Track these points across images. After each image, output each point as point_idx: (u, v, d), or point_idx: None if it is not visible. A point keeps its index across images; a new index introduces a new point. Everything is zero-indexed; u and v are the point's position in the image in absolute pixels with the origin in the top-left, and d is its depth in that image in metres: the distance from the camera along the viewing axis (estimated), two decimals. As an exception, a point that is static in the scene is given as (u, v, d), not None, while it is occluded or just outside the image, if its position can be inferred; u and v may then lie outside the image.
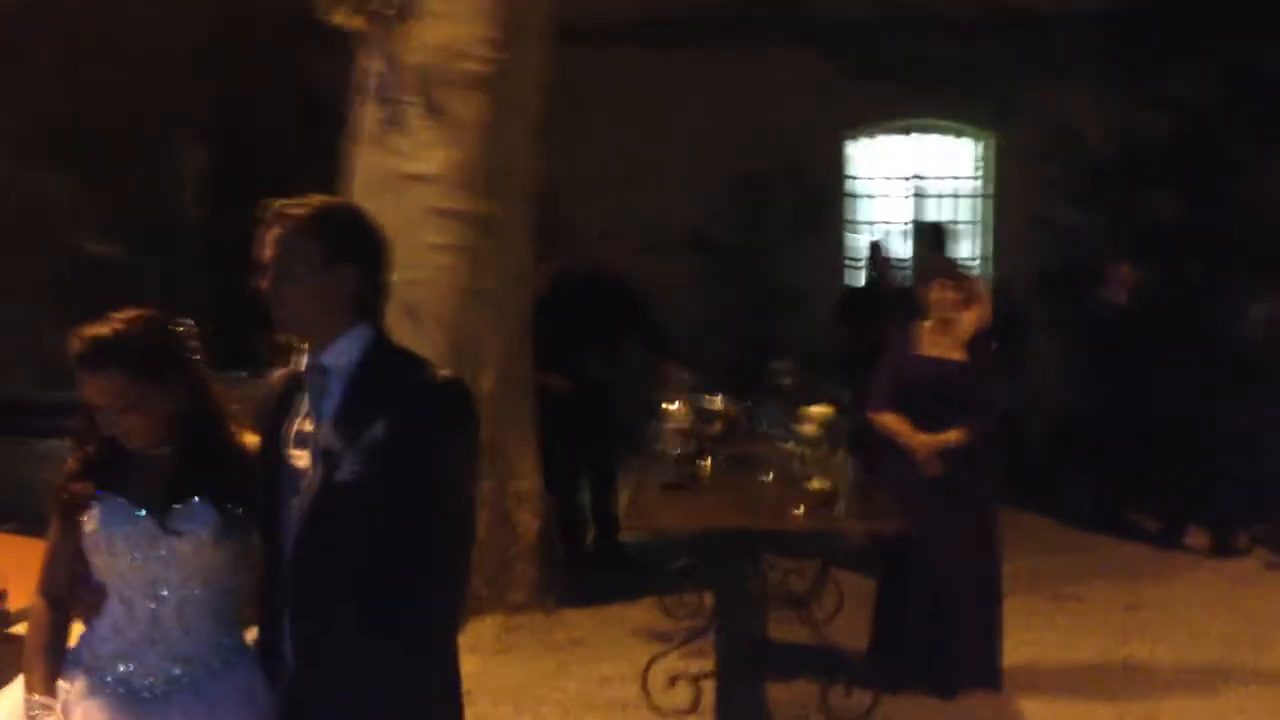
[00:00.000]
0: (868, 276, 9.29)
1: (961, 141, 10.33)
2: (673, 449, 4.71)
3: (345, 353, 2.22)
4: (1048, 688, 4.88)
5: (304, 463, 2.20)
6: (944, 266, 5.43)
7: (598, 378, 6.49)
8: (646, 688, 4.61)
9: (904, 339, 4.95)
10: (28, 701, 2.26)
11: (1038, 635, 5.42)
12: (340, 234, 2.23)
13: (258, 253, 2.22)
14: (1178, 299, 7.48)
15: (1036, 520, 7.45)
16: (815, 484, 4.23)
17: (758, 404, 5.69)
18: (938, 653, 4.78)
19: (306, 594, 2.19)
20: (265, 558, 2.27)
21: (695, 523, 4.54)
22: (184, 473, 2.29)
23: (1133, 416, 7.24)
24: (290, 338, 2.28)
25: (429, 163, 5.46)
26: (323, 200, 2.27)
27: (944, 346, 4.84)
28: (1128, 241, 8.57)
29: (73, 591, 2.33)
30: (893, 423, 4.82)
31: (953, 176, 10.34)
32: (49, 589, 2.35)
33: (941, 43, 9.31)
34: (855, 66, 9.38)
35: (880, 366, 5.00)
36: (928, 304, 4.89)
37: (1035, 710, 4.68)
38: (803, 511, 4.15)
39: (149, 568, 2.26)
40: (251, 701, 2.27)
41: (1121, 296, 7.52)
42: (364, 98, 5.62)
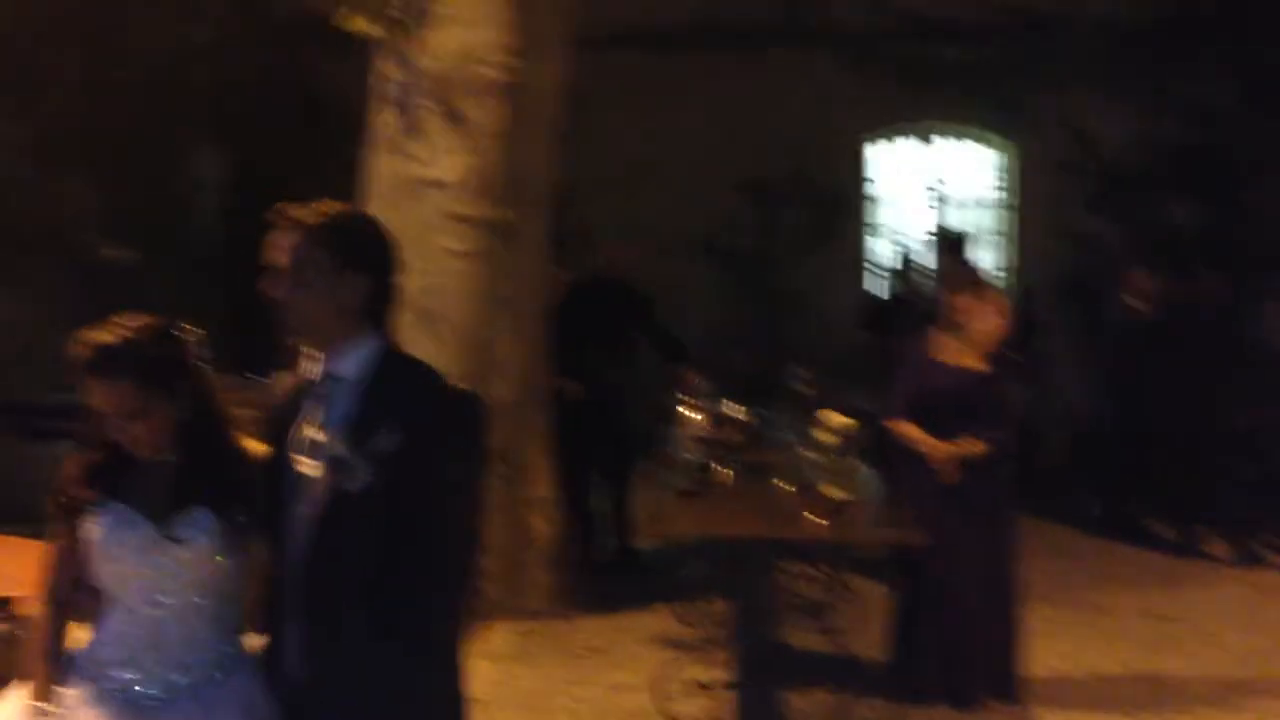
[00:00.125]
0: (897, 285, 9.24)
1: (984, 152, 10.28)
2: (688, 456, 4.69)
3: (354, 361, 2.20)
4: (1067, 698, 4.83)
5: (313, 471, 2.18)
6: (964, 275, 5.39)
7: (612, 384, 6.47)
8: (660, 696, 4.58)
9: (923, 348, 4.91)
10: (28, 707, 2.24)
11: (1057, 645, 5.37)
12: (351, 242, 2.21)
13: (268, 258, 2.20)
14: (1197, 306, 7.43)
15: (1055, 528, 7.40)
16: (831, 492, 4.19)
17: (773, 411, 5.66)
18: (955, 663, 4.74)
19: (316, 601, 2.17)
20: (271, 565, 2.25)
21: (711, 530, 4.51)
22: (187, 480, 2.28)
23: (1151, 424, 7.19)
24: (300, 344, 2.26)
25: (446, 169, 5.46)
26: (334, 207, 2.25)
27: (964, 356, 4.80)
28: (1147, 249, 8.52)
29: (74, 597, 2.32)
30: (911, 431, 4.79)
31: (974, 186, 10.30)
32: (50, 594, 2.34)
33: (956, 48, 9.28)
34: (868, 71, 9.35)
35: (899, 375, 4.97)
36: (948, 312, 4.85)
37: (1054, 721, 4.64)
38: (819, 520, 4.12)
39: (150, 574, 2.25)
40: (252, 709, 2.25)
41: (1141, 304, 7.48)
42: (381, 104, 5.62)
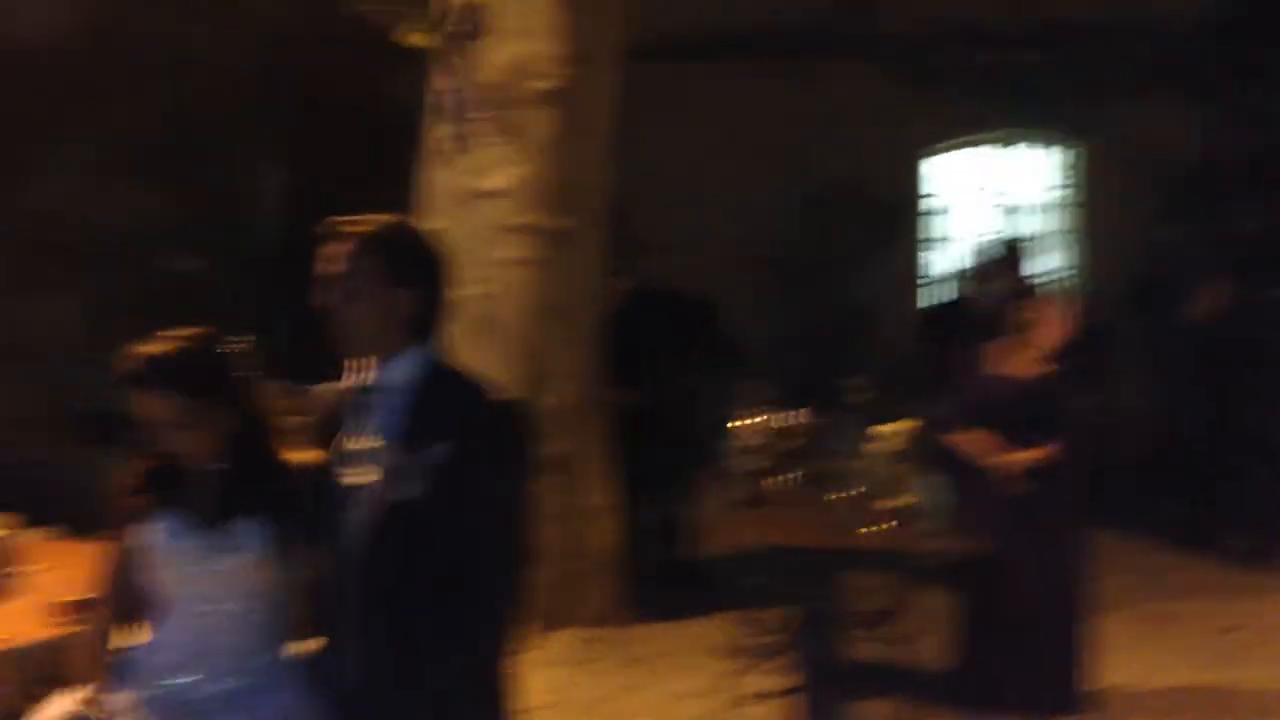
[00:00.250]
0: (956, 294, 9.13)
1: (1045, 157, 10.14)
2: (746, 465, 4.67)
3: (403, 372, 2.22)
4: (1137, 710, 4.74)
5: (363, 480, 2.19)
6: (1025, 283, 5.29)
7: (670, 393, 6.45)
8: (723, 705, 4.55)
9: (983, 357, 4.84)
10: (78, 711, 2.28)
11: (1127, 657, 5.25)
12: (401, 254, 2.23)
13: (320, 270, 2.22)
14: (1268, 314, 7.28)
15: (1125, 539, 7.23)
16: (891, 502, 4.15)
17: (832, 420, 5.62)
18: (1022, 674, 4.65)
19: (366, 610, 2.18)
20: (320, 574, 2.27)
21: (770, 539, 4.48)
22: (236, 490, 2.31)
23: (1224, 432, 7.04)
24: (350, 354, 2.28)
25: (501, 179, 5.49)
26: (384, 219, 2.27)
27: (1024, 363, 4.72)
28: (1217, 256, 8.34)
29: (127, 603, 2.36)
30: (972, 441, 4.71)
31: (1035, 193, 10.16)
32: (104, 600, 2.39)
33: (1022, 54, 9.16)
34: (930, 79, 9.26)
35: (959, 385, 4.90)
36: (1009, 320, 4.77)
37: (1125, 734, 4.55)
38: (878, 529, 4.08)
39: (201, 582, 2.28)
40: (300, 715, 2.27)
41: (1213, 311, 7.33)
42: (436, 116, 5.67)
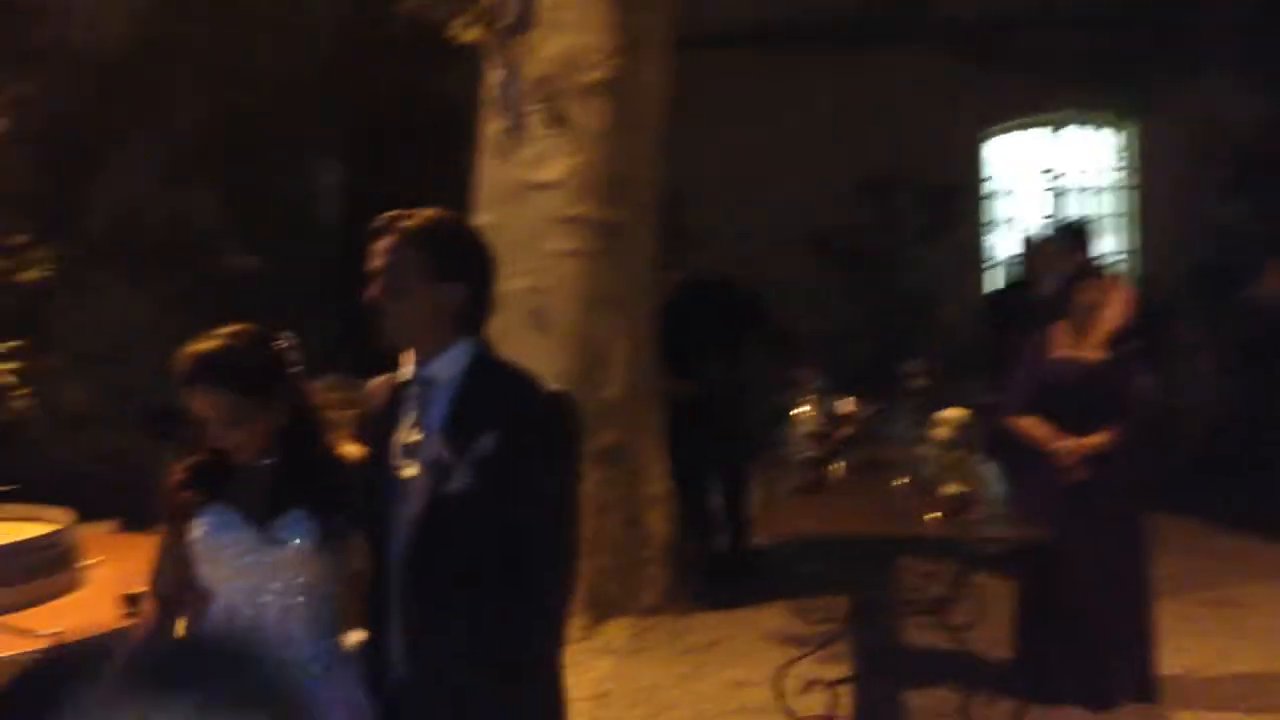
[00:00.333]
0: (1016, 278, 9.02)
1: (1103, 133, 9.99)
2: (803, 453, 4.66)
3: (451, 365, 2.25)
4: (1204, 699, 4.66)
5: (411, 473, 2.23)
6: (1085, 265, 5.21)
7: (725, 382, 6.45)
8: (780, 693, 4.55)
9: (1041, 340, 4.78)
10: None
11: (1193, 644, 5.17)
12: (449, 248, 2.26)
13: (370, 264, 2.26)
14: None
15: (1189, 523, 7.12)
16: (949, 488, 4.12)
17: (889, 407, 5.58)
18: (1084, 662, 4.60)
19: (416, 601, 2.21)
20: (369, 565, 2.30)
21: (827, 527, 4.48)
22: (285, 484, 2.34)
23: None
24: (398, 348, 2.31)
25: (552, 171, 5.51)
26: (433, 214, 2.29)
27: (1083, 347, 4.66)
28: (1278, 236, 8.16)
29: (179, 595, 2.40)
30: (1033, 427, 4.66)
31: (1094, 170, 10.01)
32: (157, 592, 2.44)
33: (1078, 34, 9.02)
34: (986, 62, 9.15)
35: (1018, 369, 4.84)
36: (1071, 304, 4.71)
37: (1191, 723, 4.48)
38: (936, 516, 4.05)
39: (251, 575, 2.32)
40: (351, 706, 2.30)
41: (1274, 292, 7.18)
42: (490, 110, 5.71)
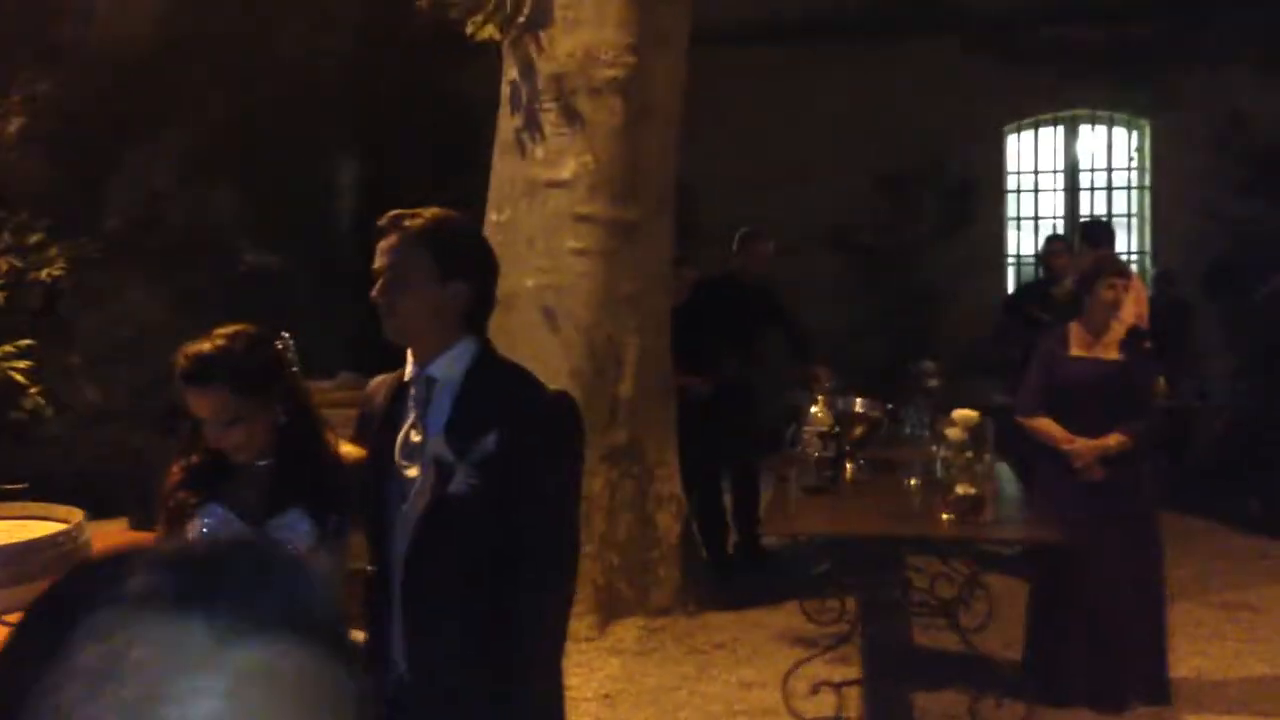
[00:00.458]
0: (1033, 275, 9.00)
1: (1123, 134, 9.93)
2: (814, 452, 4.64)
3: (452, 364, 2.26)
4: (1217, 702, 4.62)
5: (413, 473, 2.24)
6: (1102, 263, 5.15)
7: (738, 380, 6.45)
8: (788, 694, 4.55)
9: (1057, 339, 4.76)
10: None
11: (1205, 646, 5.15)
12: (452, 247, 2.26)
13: (375, 263, 2.27)
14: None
15: (1202, 525, 7.08)
16: (961, 489, 4.10)
17: (902, 406, 5.57)
18: (1097, 664, 4.58)
19: (417, 601, 2.23)
20: (371, 565, 2.31)
21: (837, 527, 4.46)
22: (283, 483, 2.35)
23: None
24: (401, 346, 2.33)
25: (565, 168, 5.51)
26: (436, 213, 2.30)
27: (1098, 346, 4.64)
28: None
29: None
30: (1047, 427, 4.64)
31: (1108, 168, 9.95)
32: None
33: (1096, 29, 8.97)
34: (1005, 57, 9.11)
35: (1033, 368, 4.82)
36: (1087, 302, 4.67)
37: (1203, 727, 4.45)
38: (950, 516, 4.04)
39: None
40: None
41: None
42: (505, 107, 5.71)
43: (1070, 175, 9.99)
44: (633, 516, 5.66)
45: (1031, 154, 10.06)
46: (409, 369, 2.32)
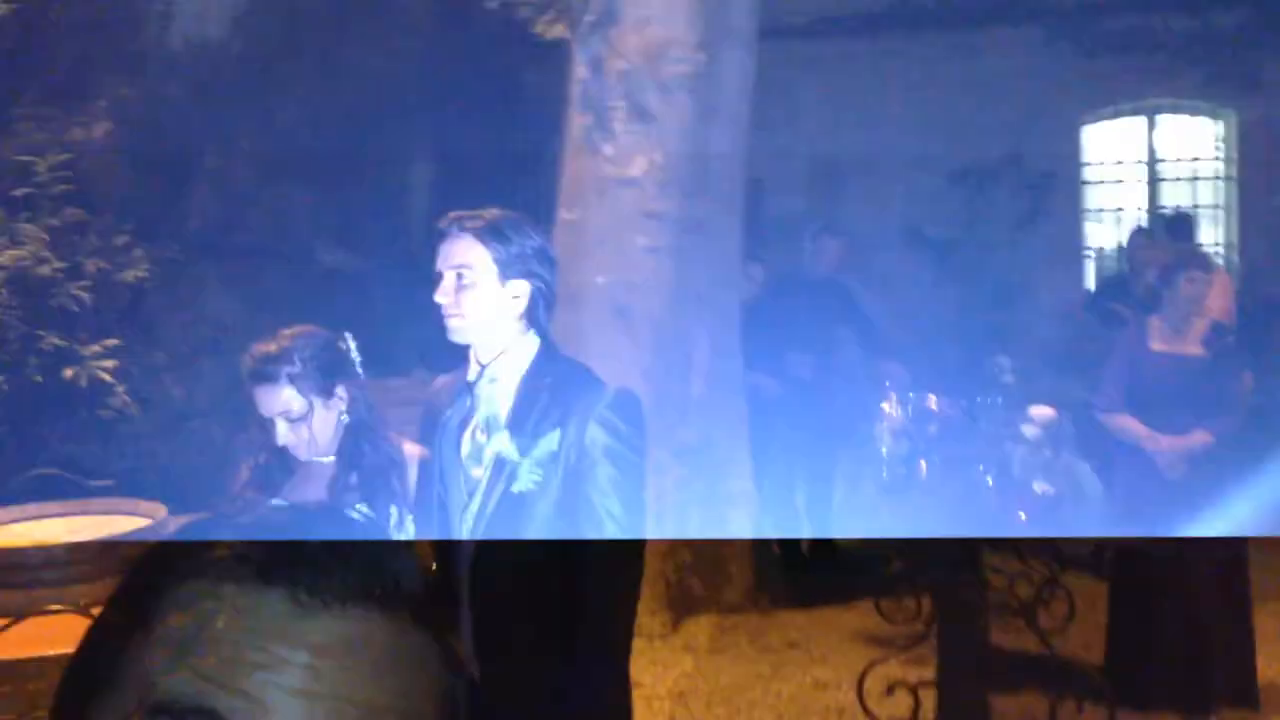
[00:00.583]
0: (1114, 270, 8.82)
1: (1207, 124, 9.67)
2: (889, 449, 4.60)
3: (515, 363, 2.28)
4: (1304, 709, 4.51)
5: (477, 471, 2.26)
6: (1186, 257, 5.03)
7: (810, 379, 6.39)
8: (863, 694, 4.50)
9: (1137, 335, 4.66)
10: None
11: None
12: (512, 247, 2.28)
13: (437, 264, 2.30)
14: None
15: (1292, 526, 6.87)
16: (1038, 487, 4.03)
17: (978, 402, 5.49)
18: (1184, 669, 4.47)
19: (484, 600, 2.24)
20: (435, 564, 2.33)
21: (911, 525, 4.41)
22: (347, 482, 2.38)
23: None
24: (465, 345, 2.35)
25: (635, 166, 5.51)
26: (496, 213, 2.33)
27: (1179, 341, 4.53)
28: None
29: None
30: (1129, 424, 4.54)
31: (1192, 159, 9.71)
32: None
33: (1178, 17, 8.75)
34: (1081, 47, 8.92)
35: (1113, 364, 4.72)
36: (1175, 297, 4.56)
37: (1293, 733, 4.33)
38: (1025, 516, 3.97)
39: None
40: None
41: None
42: (574, 106, 5.73)
43: (1151, 167, 9.77)
44: (703, 514, 5.64)
45: (1111, 145, 9.85)
46: (473, 368, 2.34)
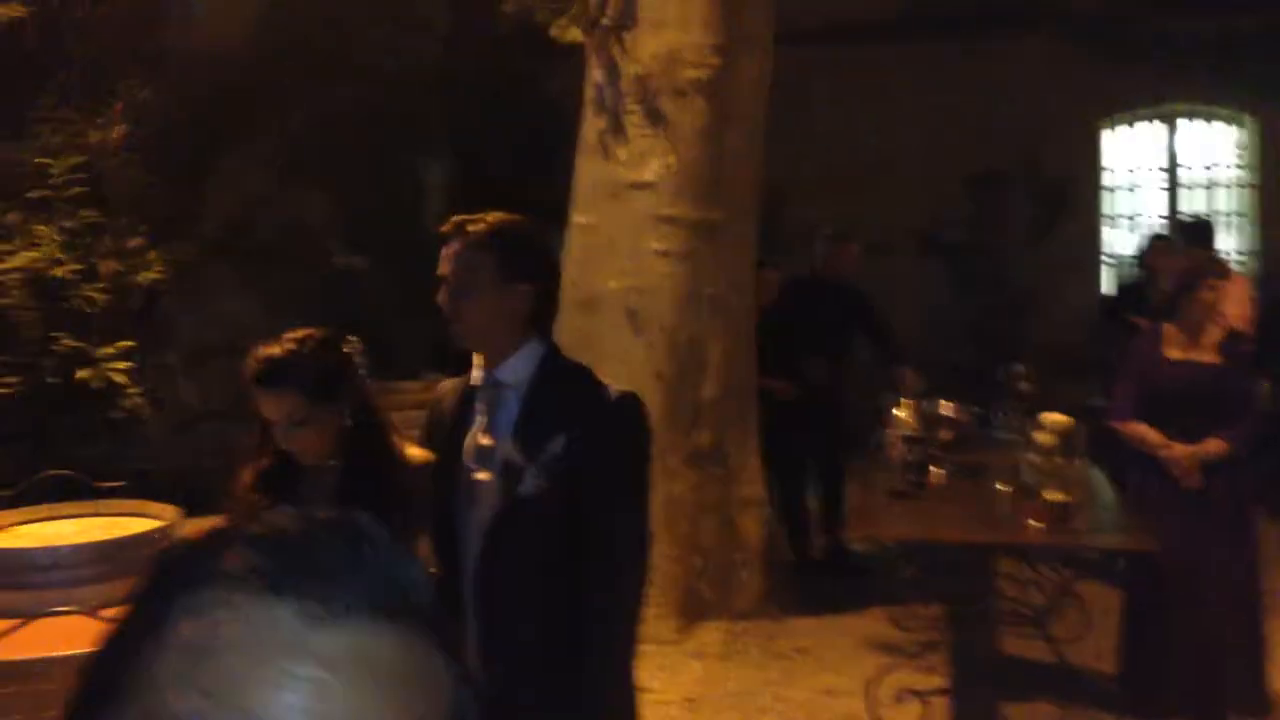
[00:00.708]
0: (1131, 276, 8.76)
1: (1226, 131, 9.61)
2: (903, 455, 4.58)
3: (519, 367, 2.28)
4: (1320, 720, 4.46)
5: (483, 476, 2.26)
6: (1212, 264, 4.95)
7: (824, 384, 6.38)
8: (873, 702, 4.49)
9: (1152, 341, 4.61)
10: None
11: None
12: (516, 251, 2.28)
13: (440, 269, 2.29)
14: None
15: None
16: (1050, 495, 4.00)
17: (992, 409, 5.46)
18: (1195, 677, 4.43)
19: (489, 604, 2.24)
20: (440, 568, 2.33)
21: (924, 532, 4.38)
22: (350, 485, 2.38)
23: None
24: (468, 350, 2.35)
25: (649, 170, 5.50)
26: (500, 217, 2.33)
27: (1195, 348, 4.49)
28: None
29: None
30: (1143, 432, 4.50)
31: (1211, 165, 9.64)
32: None
33: (1199, 22, 8.69)
34: (1102, 51, 8.87)
35: (1126, 372, 4.68)
36: (1192, 304, 4.51)
37: (1307, 744, 4.29)
38: (1039, 524, 3.94)
39: None
40: None
41: None
42: (589, 109, 5.73)
43: (1170, 172, 9.71)
44: (716, 519, 5.63)
45: (1129, 151, 9.79)
46: (477, 373, 2.34)
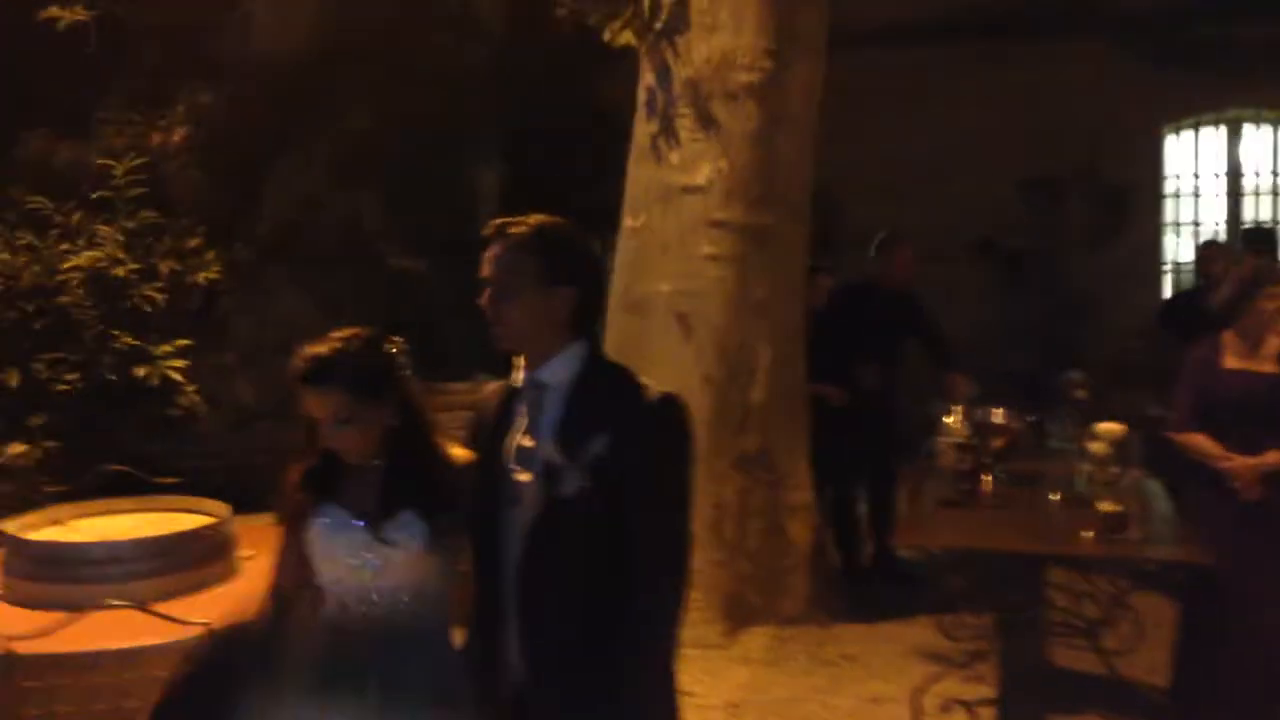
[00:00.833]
0: (1192, 284, 8.61)
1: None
2: (955, 463, 4.53)
3: (562, 369, 2.29)
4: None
5: (525, 477, 2.26)
6: (1273, 272, 4.84)
7: (876, 390, 6.33)
8: (919, 711, 4.44)
9: (1211, 351, 4.52)
10: None
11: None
12: (558, 253, 2.29)
13: (482, 271, 2.31)
14: None
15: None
16: (1105, 505, 3.94)
17: (1046, 418, 5.39)
18: (1251, 693, 4.34)
19: (531, 604, 2.25)
20: (482, 568, 2.34)
21: (974, 541, 4.33)
22: (396, 485, 2.40)
23: None
24: (511, 353, 2.36)
25: (700, 174, 5.50)
26: (542, 220, 2.33)
27: (1254, 358, 4.39)
28: None
29: (298, 592, 2.46)
30: (1201, 443, 4.41)
31: (1273, 171, 9.46)
32: (277, 589, 2.50)
33: (1261, 26, 8.52)
34: (1163, 56, 8.73)
35: (1183, 382, 4.59)
36: (1251, 312, 4.42)
37: (1367, 765, 4.18)
38: (1092, 535, 3.88)
39: (363, 574, 2.38)
40: (459, 705, 2.32)
41: None
42: (642, 113, 5.74)
43: (1233, 179, 9.53)
44: (763, 524, 5.61)
45: (1191, 157, 9.63)
46: (520, 375, 2.35)
